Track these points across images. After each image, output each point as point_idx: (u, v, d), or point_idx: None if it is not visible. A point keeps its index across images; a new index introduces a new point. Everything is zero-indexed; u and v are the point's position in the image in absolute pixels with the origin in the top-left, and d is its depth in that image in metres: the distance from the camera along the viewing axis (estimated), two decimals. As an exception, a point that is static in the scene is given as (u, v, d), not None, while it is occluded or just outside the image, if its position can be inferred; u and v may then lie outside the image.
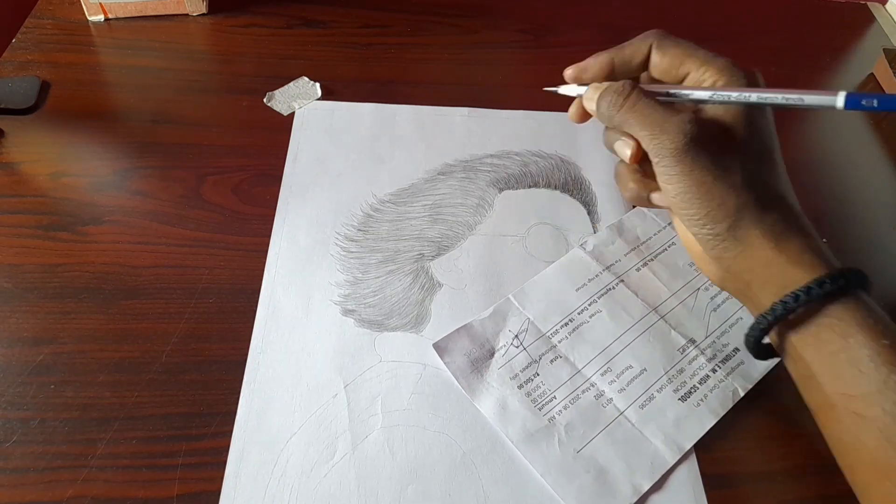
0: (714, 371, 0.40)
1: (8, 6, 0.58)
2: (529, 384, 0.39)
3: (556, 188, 0.49)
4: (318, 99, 0.53)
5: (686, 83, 0.34)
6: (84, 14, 0.56)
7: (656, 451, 0.37)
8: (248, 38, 0.57)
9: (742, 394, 0.39)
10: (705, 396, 0.39)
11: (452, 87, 0.56)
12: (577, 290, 0.43)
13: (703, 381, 0.40)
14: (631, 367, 0.40)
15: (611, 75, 0.36)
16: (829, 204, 0.51)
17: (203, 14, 0.58)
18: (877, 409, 0.28)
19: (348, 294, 0.41)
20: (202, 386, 0.37)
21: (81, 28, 0.56)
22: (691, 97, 0.34)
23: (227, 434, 0.35)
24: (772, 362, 0.40)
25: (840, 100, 0.29)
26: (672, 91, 0.34)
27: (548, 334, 0.41)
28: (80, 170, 0.47)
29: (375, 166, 0.49)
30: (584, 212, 0.48)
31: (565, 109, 0.34)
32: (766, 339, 0.33)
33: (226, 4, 0.59)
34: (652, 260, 0.45)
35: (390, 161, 0.49)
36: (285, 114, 0.52)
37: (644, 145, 0.33)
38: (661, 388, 0.39)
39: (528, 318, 0.41)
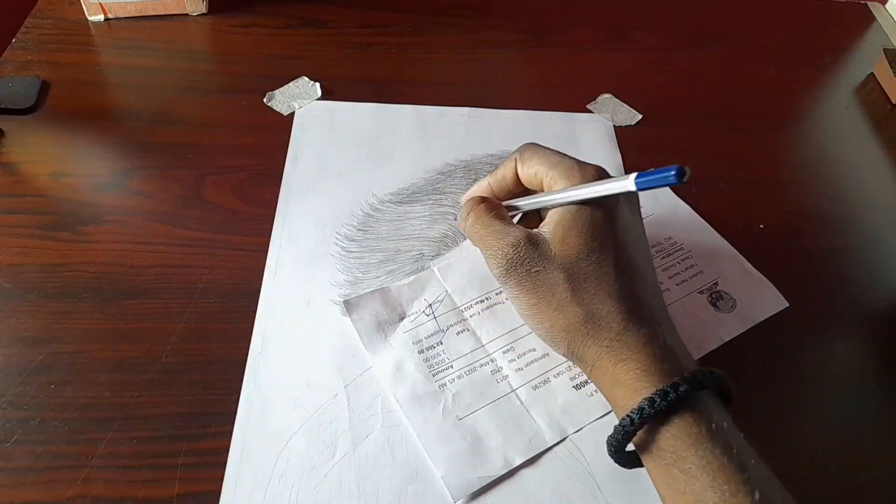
0: None
1: (8, 6, 0.58)
2: (430, 351, 0.39)
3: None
4: (318, 99, 0.53)
5: (544, 189, 0.34)
6: (84, 14, 0.56)
7: (538, 430, 0.37)
8: (248, 38, 0.57)
9: None
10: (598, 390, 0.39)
11: (452, 87, 0.56)
12: None
13: None
14: (534, 349, 0.40)
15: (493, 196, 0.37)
16: (829, 204, 0.51)
17: (203, 14, 0.58)
18: None
19: (348, 294, 0.41)
20: (202, 386, 0.37)
21: (81, 28, 0.56)
22: (518, 206, 0.34)
23: (227, 434, 0.35)
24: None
25: (631, 183, 0.29)
26: (509, 203, 0.34)
27: (461, 307, 0.41)
28: (80, 170, 0.47)
29: (375, 166, 0.49)
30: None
31: (565, 109, 0.34)
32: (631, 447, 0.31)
33: (226, 4, 0.59)
34: None
35: (390, 161, 0.49)
36: (285, 113, 0.52)
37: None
38: (558, 374, 0.39)
39: (446, 291, 0.42)
